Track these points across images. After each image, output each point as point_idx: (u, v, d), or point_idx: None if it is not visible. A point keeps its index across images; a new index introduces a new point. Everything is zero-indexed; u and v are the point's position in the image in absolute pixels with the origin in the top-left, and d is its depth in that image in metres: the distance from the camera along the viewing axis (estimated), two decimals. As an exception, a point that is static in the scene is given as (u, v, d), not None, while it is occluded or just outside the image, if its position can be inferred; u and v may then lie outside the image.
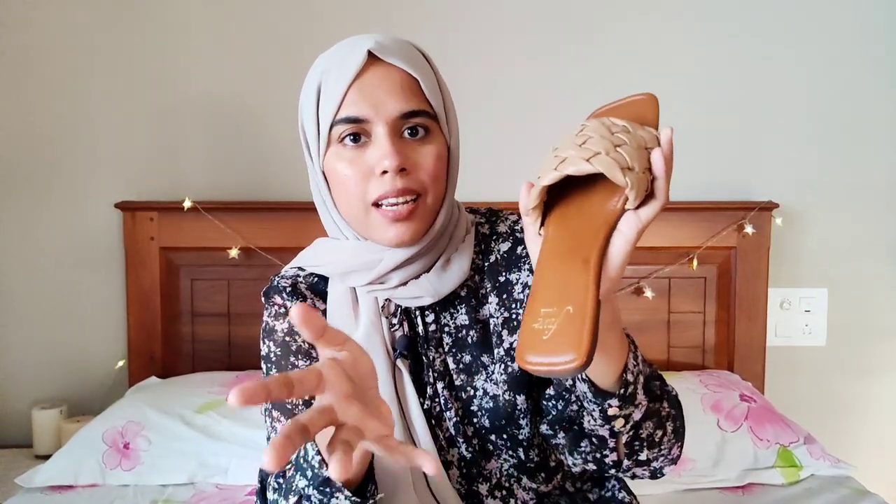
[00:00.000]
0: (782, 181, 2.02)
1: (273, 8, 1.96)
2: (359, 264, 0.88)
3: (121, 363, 1.97)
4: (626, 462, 0.82)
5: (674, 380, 1.81)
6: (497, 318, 0.92)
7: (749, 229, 1.94)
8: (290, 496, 0.77)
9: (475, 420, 0.91)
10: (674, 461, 0.85)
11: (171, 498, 1.51)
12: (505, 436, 0.90)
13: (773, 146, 2.02)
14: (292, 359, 0.90)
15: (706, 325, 2.01)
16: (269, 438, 0.91)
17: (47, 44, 1.94)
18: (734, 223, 1.95)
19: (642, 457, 0.81)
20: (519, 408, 0.89)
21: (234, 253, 1.89)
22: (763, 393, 1.96)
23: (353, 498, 0.72)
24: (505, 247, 0.95)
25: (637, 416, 0.76)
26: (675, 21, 1.99)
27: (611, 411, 0.75)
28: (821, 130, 2.03)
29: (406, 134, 0.84)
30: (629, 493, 0.99)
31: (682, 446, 0.85)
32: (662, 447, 0.82)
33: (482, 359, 0.91)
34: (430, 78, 0.87)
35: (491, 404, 0.90)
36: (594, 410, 0.76)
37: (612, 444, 0.80)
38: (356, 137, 0.84)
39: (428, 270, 0.89)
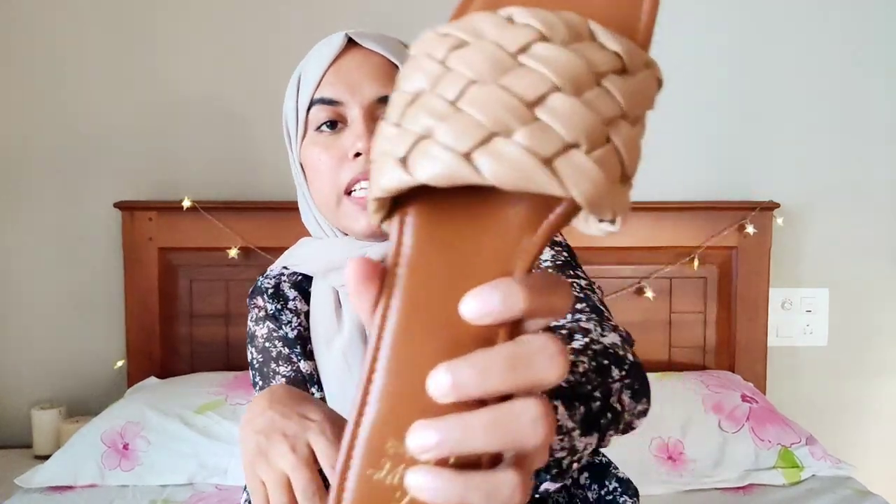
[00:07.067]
0: (783, 181, 2.01)
1: (272, 8, 1.96)
2: (341, 261, 0.84)
3: (119, 363, 1.97)
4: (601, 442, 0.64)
5: (675, 380, 1.80)
6: None
7: (750, 229, 1.93)
8: None
9: None
10: (643, 412, 0.69)
11: (171, 498, 1.51)
12: None
13: (775, 146, 2.02)
14: (273, 365, 0.88)
15: (707, 325, 2.00)
16: None
17: (46, 43, 1.94)
18: (735, 223, 1.94)
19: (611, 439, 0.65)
20: None
21: (233, 253, 1.88)
22: (764, 393, 1.95)
23: None
24: None
25: (580, 445, 0.61)
26: (676, 21, 1.99)
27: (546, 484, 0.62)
28: (822, 130, 2.02)
29: None
30: (629, 496, 0.98)
31: (647, 399, 0.69)
32: (620, 423, 0.66)
33: None
34: None
35: None
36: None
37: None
38: (333, 124, 0.83)
39: None
